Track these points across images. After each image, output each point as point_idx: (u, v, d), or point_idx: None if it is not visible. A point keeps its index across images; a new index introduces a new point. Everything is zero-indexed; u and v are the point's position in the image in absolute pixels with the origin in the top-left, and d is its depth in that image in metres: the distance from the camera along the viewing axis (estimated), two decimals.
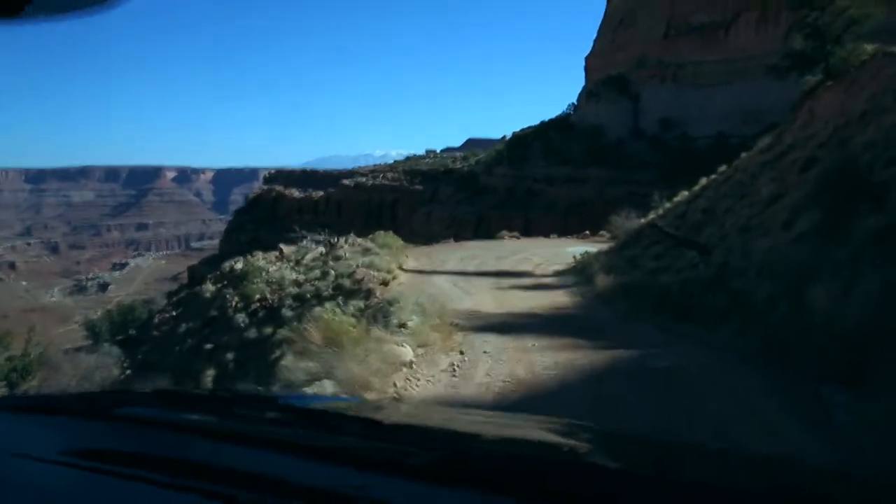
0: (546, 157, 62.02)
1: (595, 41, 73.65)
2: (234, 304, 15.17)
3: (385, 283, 13.08)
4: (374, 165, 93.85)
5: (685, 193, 17.67)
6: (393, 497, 1.14)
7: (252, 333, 9.88)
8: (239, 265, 18.54)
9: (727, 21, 58.50)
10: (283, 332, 9.33)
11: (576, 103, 70.61)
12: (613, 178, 53.58)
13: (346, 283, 13.07)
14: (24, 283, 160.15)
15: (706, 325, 7.23)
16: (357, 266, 14.25)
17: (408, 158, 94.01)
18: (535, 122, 71.80)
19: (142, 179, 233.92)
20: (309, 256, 17.22)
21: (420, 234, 43.31)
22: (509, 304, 11.43)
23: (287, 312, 12.02)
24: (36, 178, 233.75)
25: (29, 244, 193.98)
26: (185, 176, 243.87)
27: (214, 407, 1.71)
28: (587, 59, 73.76)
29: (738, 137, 44.23)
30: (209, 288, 18.69)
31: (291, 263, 17.09)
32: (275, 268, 16.87)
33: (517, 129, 74.58)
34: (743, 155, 16.65)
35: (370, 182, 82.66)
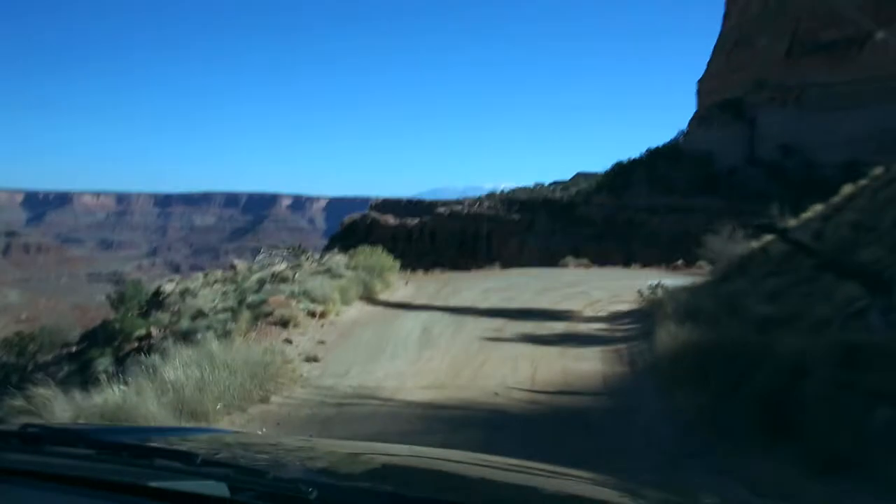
0: (650, 186, 57.45)
1: (709, 63, 68.90)
2: (116, 343, 11.90)
3: (284, 324, 9.75)
4: (479, 197, 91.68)
5: (818, 207, 13.43)
6: None
7: (98, 396, 6.13)
8: (170, 286, 15.15)
9: (862, 37, 52.19)
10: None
11: (685, 130, 65.85)
12: (724, 208, 48.21)
13: (244, 318, 9.80)
14: None
15: None
16: (284, 295, 11.06)
17: (513, 191, 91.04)
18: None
19: (259, 206, 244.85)
20: (255, 277, 14.07)
21: (513, 265, 40.65)
22: (475, 374, 7.57)
23: (153, 359, 8.86)
24: (164, 202, 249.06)
25: (154, 264, 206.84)
26: (300, 203, 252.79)
27: (19, 445, 1.65)
28: (699, 83, 69.08)
29: (872, 165, 38.63)
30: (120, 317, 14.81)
31: (231, 285, 13.94)
32: (206, 291, 13.47)
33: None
34: None
35: (465, 210, 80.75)
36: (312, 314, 10.83)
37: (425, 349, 9.17)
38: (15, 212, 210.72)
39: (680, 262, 21.32)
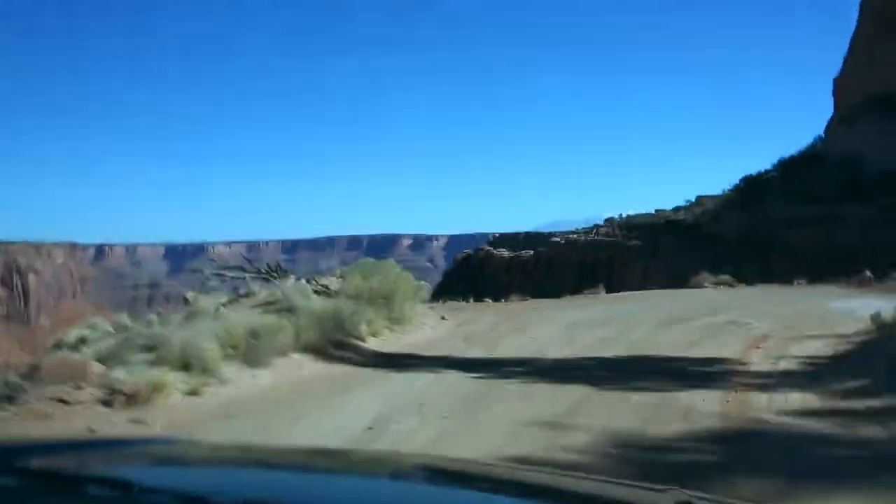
0: (787, 199, 51.51)
1: (845, 59, 62.16)
2: None
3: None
4: (595, 225, 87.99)
5: None
6: None
7: None
8: (80, 332, 10.77)
9: None
10: None
11: (822, 135, 59.38)
12: (881, 218, 42.02)
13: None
14: None
15: None
16: (87, 355, 7.09)
17: (632, 216, 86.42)
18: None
19: (381, 247, 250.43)
20: (180, 316, 10.29)
21: (635, 290, 37.33)
22: None
23: None
24: (291, 248, 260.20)
25: None
26: (420, 243, 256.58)
27: None
28: (836, 80, 62.38)
29: None
30: None
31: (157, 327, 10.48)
32: (107, 342, 9.02)
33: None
34: None
35: (582, 239, 77.45)
36: (121, 395, 5.94)
37: None
38: (158, 264, 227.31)
39: (867, 274, 16.85)
